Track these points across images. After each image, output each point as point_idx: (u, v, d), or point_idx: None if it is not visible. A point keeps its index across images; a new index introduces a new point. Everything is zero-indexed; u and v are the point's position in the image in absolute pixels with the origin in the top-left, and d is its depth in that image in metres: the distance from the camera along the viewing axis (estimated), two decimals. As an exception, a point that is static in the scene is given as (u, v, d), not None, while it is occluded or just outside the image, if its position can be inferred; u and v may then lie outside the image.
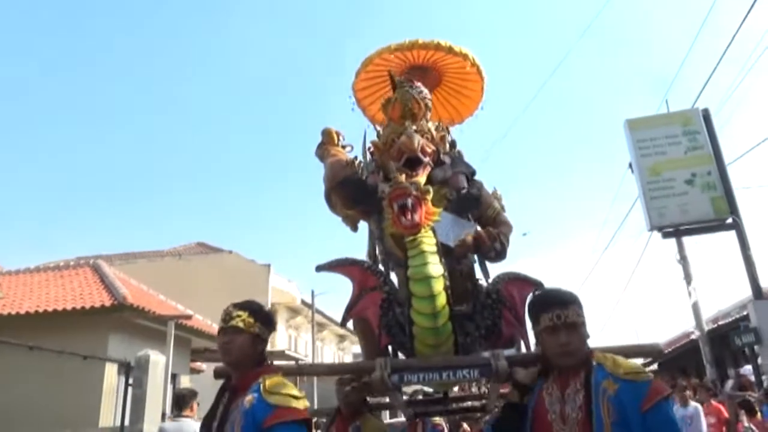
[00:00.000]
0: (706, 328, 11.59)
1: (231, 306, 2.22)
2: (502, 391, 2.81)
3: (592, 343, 2.08)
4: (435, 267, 2.39)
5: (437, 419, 6.13)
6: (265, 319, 2.22)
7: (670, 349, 18.39)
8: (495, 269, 3.06)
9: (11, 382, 8.88)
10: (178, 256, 22.12)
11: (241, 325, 2.13)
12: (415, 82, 3.50)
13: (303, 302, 22.88)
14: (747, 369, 7.54)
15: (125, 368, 8.69)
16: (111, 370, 10.11)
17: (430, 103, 3.46)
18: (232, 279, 19.12)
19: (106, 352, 9.70)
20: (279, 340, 21.58)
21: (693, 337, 13.20)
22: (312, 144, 3.71)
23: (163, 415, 9.18)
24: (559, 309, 1.95)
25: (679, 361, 17.78)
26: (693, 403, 7.19)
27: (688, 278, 10.71)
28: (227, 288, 18.15)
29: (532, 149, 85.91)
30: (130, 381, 8.32)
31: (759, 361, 7.54)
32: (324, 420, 3.85)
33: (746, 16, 6.50)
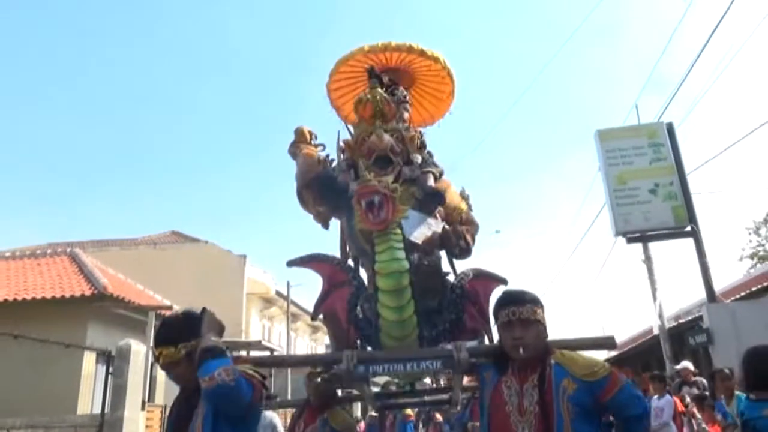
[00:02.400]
0: (668, 325, 11.97)
1: (153, 347, 2.23)
2: (465, 383, 3.00)
3: (560, 334, 2.35)
4: (401, 262, 2.45)
5: (408, 411, 6.36)
6: (184, 332, 2.16)
7: (633, 345, 19.10)
8: (466, 264, 3.20)
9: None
10: (152, 245, 21.91)
11: (169, 360, 2.15)
12: (399, 86, 3.65)
13: (278, 293, 22.84)
14: (683, 364, 7.98)
15: (105, 357, 8.86)
16: (89, 359, 10.24)
17: (407, 105, 3.56)
18: (207, 269, 19.07)
19: (85, 340, 9.79)
20: (253, 330, 21.68)
21: (655, 332, 13.59)
22: (289, 136, 3.74)
23: (143, 402, 9.37)
24: (514, 306, 2.07)
25: (643, 356, 18.44)
26: (666, 396, 7.56)
27: (651, 278, 11.09)
28: (203, 278, 18.31)
29: (510, 150, 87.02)
30: (111, 369, 8.50)
31: (713, 360, 8.05)
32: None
33: (710, 37, 6.96)
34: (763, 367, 2.69)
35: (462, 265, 3.22)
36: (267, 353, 13.15)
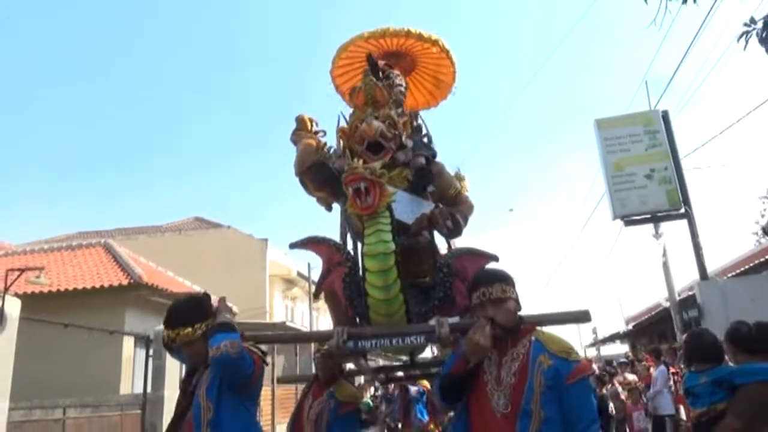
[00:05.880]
0: (679, 297, 12.20)
1: (164, 330, 2.49)
2: None
3: (569, 305, 2.62)
4: (387, 244, 2.52)
5: (426, 384, 6.61)
6: (197, 314, 2.46)
7: (647, 316, 19.62)
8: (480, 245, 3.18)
9: (45, 355, 9.79)
10: (177, 232, 22.56)
11: (186, 340, 2.43)
12: (394, 70, 3.67)
13: (299, 274, 23.23)
14: (684, 338, 8.49)
15: (144, 341, 9.66)
16: (128, 343, 11.08)
17: (402, 89, 3.58)
18: (231, 254, 19.69)
19: (124, 326, 10.60)
20: (277, 311, 22.42)
21: (664, 305, 13.84)
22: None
23: (180, 382, 10.21)
24: (484, 287, 2.18)
25: (658, 327, 18.92)
26: (661, 367, 8.21)
27: (662, 253, 11.25)
28: (227, 262, 19.06)
29: (525, 130, 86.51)
30: (151, 353, 9.30)
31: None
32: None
33: (700, 30, 7.29)
34: (698, 345, 3.31)
35: (468, 245, 3.29)
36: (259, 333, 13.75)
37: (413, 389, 6.84)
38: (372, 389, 12.33)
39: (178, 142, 59.00)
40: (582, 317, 2.63)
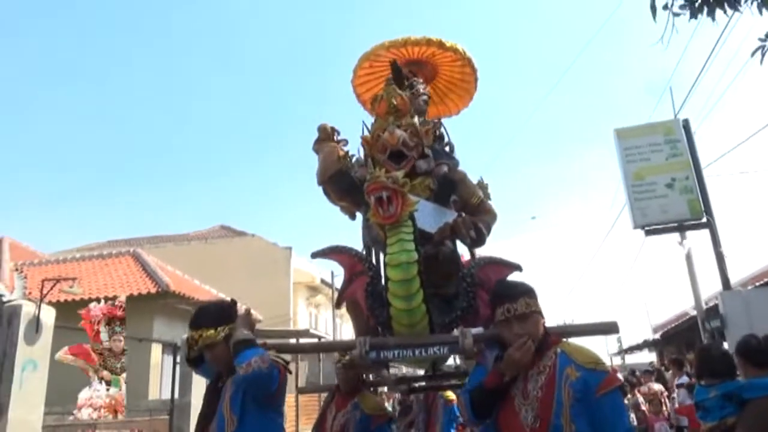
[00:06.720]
0: (707, 305, 12.03)
1: (189, 332, 2.51)
2: None
3: (593, 312, 2.55)
4: (410, 254, 2.47)
5: (450, 395, 6.45)
6: (221, 318, 2.47)
7: (674, 324, 19.36)
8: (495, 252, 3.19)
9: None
10: (203, 240, 23.02)
11: (209, 342, 2.43)
12: (418, 78, 3.70)
13: (323, 281, 23.42)
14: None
15: (172, 348, 9.92)
16: (156, 350, 11.38)
17: (425, 98, 3.60)
18: (256, 262, 20.04)
19: (152, 334, 10.89)
20: (301, 318, 22.65)
21: (691, 314, 13.65)
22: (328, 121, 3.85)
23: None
24: (509, 302, 2.14)
25: (686, 335, 18.66)
26: (684, 377, 8.21)
27: (689, 261, 11.10)
28: (252, 270, 19.35)
29: (546, 137, 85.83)
30: (178, 359, 9.55)
31: (725, 344, 8.52)
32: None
33: (720, 36, 7.28)
34: (708, 358, 3.34)
35: (485, 253, 3.29)
36: (315, 341, 13.98)
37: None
38: (392, 398, 12.40)
39: (202, 149, 59.91)
40: (609, 329, 2.60)
